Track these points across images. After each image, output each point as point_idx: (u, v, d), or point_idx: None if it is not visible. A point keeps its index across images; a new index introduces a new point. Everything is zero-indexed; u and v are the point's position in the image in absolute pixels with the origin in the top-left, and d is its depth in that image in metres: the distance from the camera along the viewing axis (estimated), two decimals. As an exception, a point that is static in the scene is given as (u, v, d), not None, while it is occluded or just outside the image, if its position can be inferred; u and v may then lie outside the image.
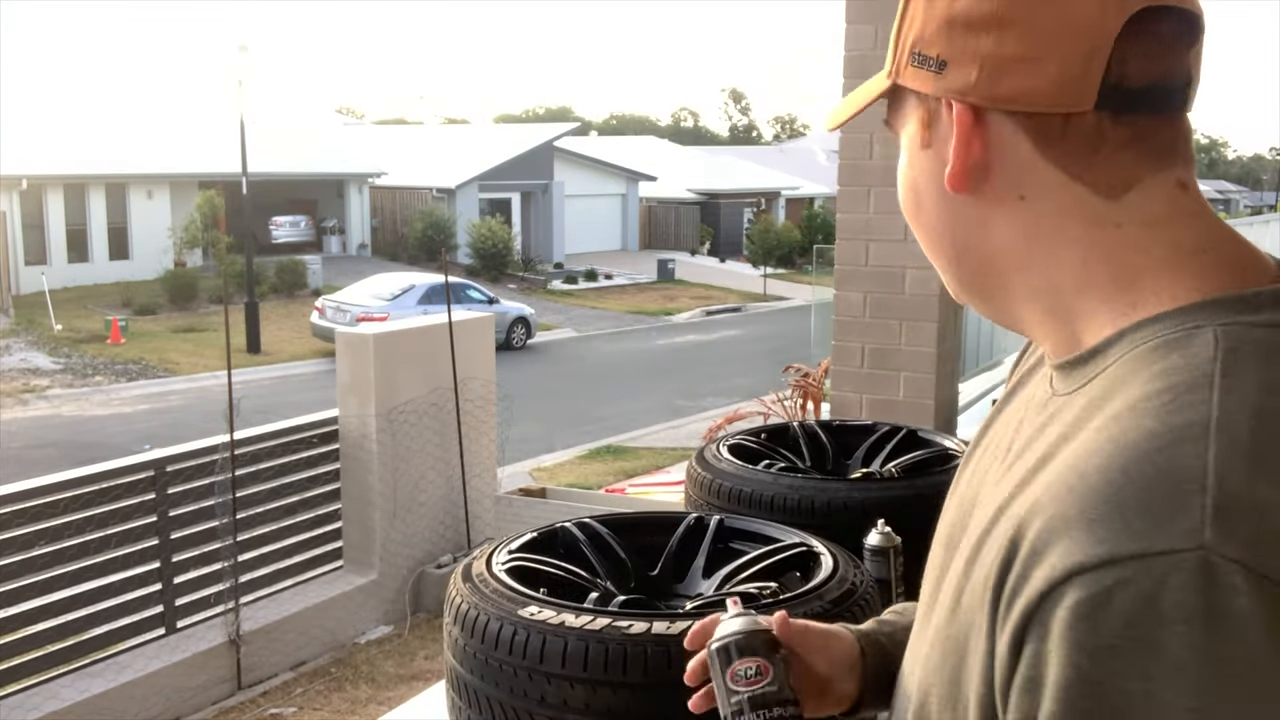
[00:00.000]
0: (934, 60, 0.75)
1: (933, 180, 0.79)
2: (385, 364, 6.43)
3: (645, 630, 1.59)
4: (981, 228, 0.78)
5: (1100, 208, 0.73)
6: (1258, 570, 0.57)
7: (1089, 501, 0.62)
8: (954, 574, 0.76)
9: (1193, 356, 0.66)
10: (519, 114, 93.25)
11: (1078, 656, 0.59)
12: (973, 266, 0.81)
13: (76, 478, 5.25)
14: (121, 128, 26.53)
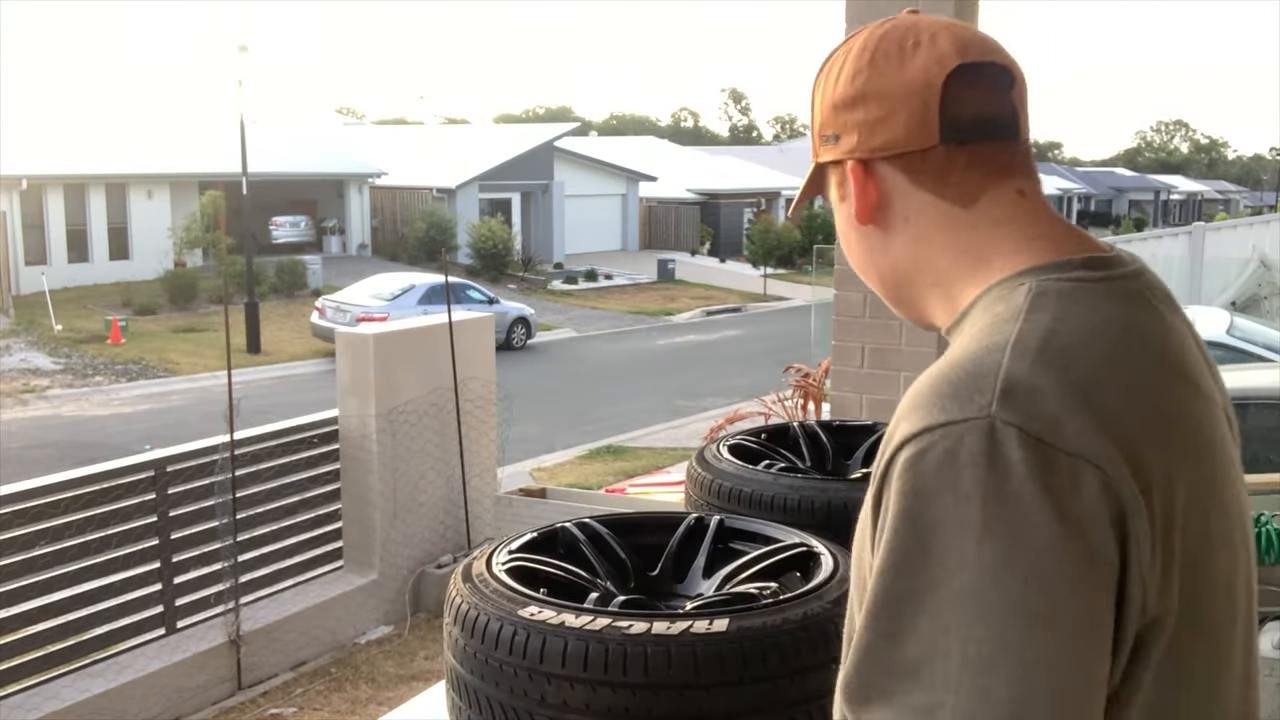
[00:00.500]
0: (832, 136, 1.04)
1: (851, 223, 1.06)
2: (385, 364, 6.43)
3: (645, 630, 1.59)
4: (888, 250, 1.05)
5: (960, 215, 0.99)
6: (1028, 431, 0.81)
7: (920, 396, 0.87)
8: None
9: (1012, 300, 0.92)
10: (519, 114, 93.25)
11: (903, 496, 0.83)
12: (893, 282, 1.07)
13: (76, 478, 5.25)
14: (121, 128, 26.54)
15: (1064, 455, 0.80)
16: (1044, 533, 0.78)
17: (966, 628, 0.77)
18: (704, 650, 1.58)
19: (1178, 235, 13.04)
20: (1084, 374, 0.84)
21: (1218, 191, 77.29)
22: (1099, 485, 0.79)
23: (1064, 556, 0.78)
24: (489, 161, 32.85)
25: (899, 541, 0.81)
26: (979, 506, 0.79)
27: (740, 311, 27.81)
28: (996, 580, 0.77)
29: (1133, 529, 0.80)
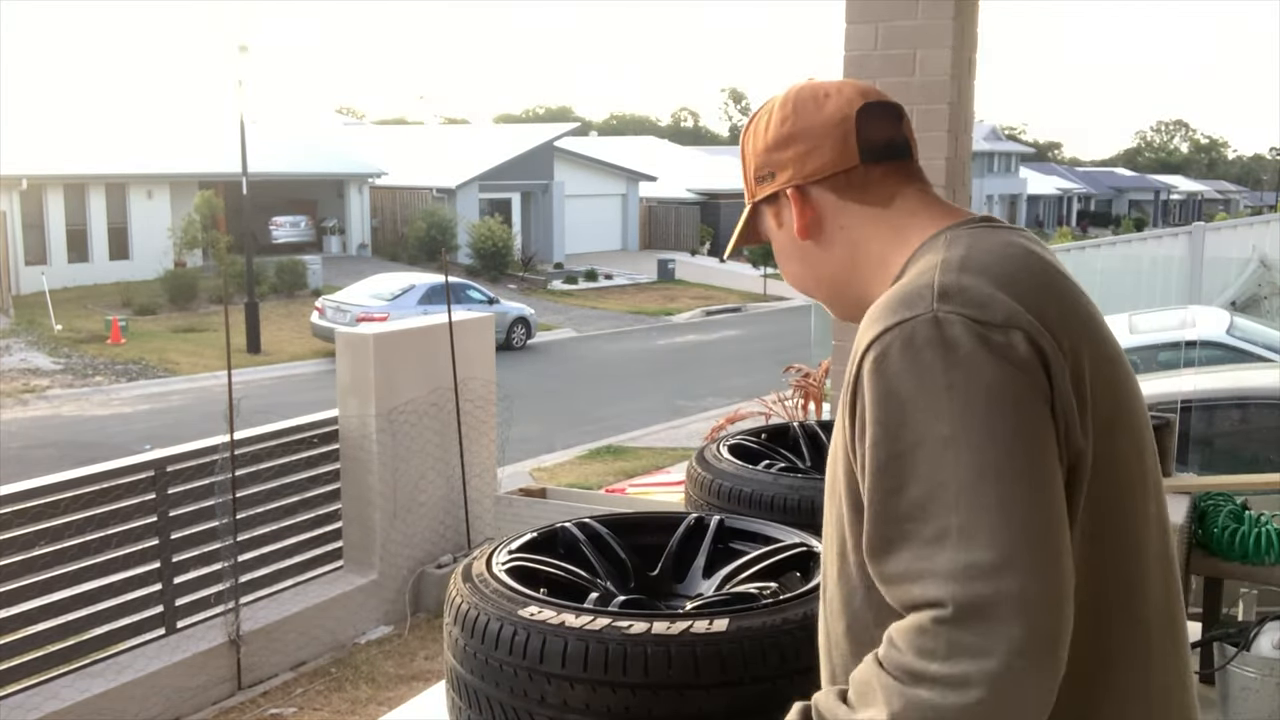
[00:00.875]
0: (767, 175, 1.30)
1: (792, 243, 1.31)
2: (385, 364, 6.43)
3: (645, 630, 1.59)
4: (828, 259, 1.30)
5: (882, 212, 1.26)
6: (964, 314, 1.04)
7: (873, 313, 1.11)
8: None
9: (934, 246, 1.18)
10: (519, 114, 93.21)
11: (877, 382, 1.05)
12: (832, 283, 1.32)
13: (76, 478, 5.24)
14: (121, 128, 26.53)
15: (995, 325, 1.04)
16: (993, 375, 1.01)
17: (954, 461, 0.99)
18: (704, 650, 1.58)
19: (1178, 235, 13.02)
20: (1000, 274, 1.10)
21: (1218, 191, 77.28)
22: (1026, 340, 1.03)
23: (1012, 388, 1.01)
24: (489, 161, 32.84)
25: (883, 415, 1.04)
26: (940, 371, 1.02)
27: (740, 311, 27.81)
28: (967, 419, 1.00)
29: (1054, 372, 1.04)
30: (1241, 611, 2.99)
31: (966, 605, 0.95)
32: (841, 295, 1.32)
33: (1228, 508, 2.63)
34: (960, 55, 3.68)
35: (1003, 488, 0.98)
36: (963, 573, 0.96)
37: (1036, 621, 0.94)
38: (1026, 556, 0.96)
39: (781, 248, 1.33)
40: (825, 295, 1.34)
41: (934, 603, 0.96)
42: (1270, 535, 2.53)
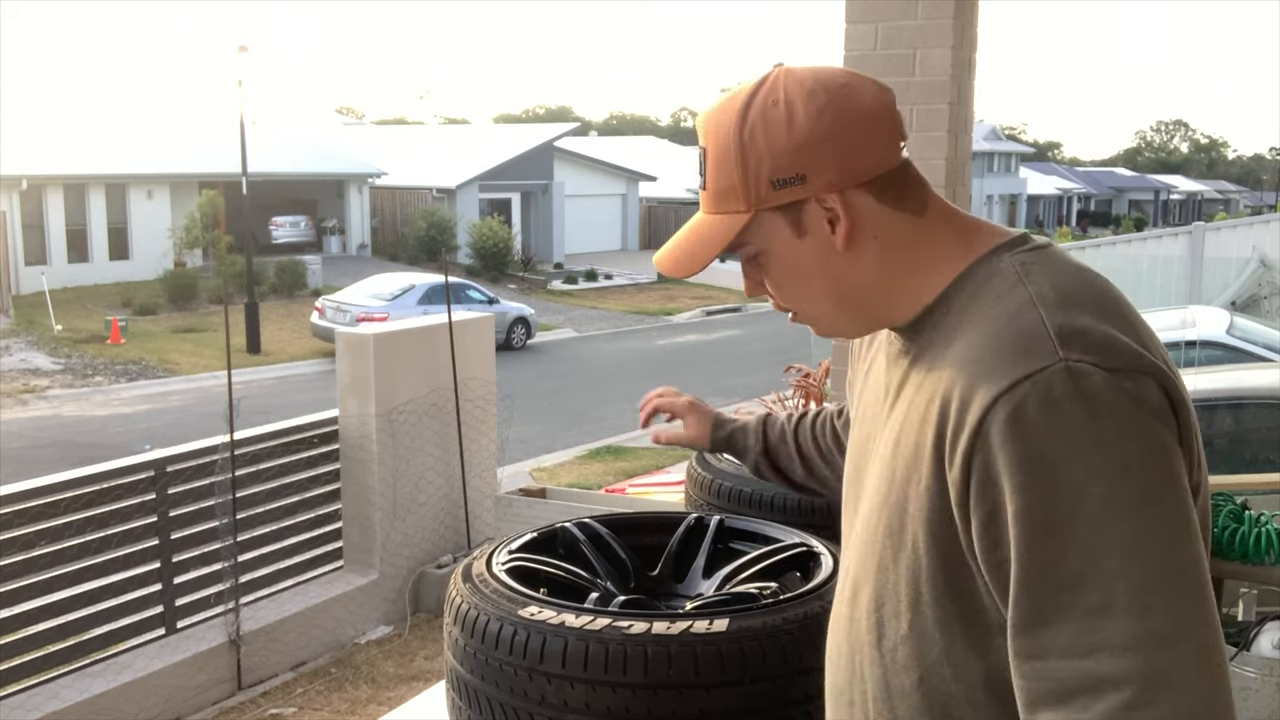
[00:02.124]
0: (795, 177, 1.09)
1: (816, 256, 1.12)
2: (385, 364, 6.43)
3: (645, 630, 1.59)
4: (856, 270, 1.13)
5: (917, 221, 1.13)
6: (1095, 362, 0.96)
7: (985, 362, 1.00)
8: (875, 474, 1.13)
9: (1001, 274, 1.08)
10: (519, 114, 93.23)
11: (1016, 448, 0.95)
12: (856, 297, 1.15)
13: (76, 478, 5.25)
14: (121, 128, 26.54)
15: (1125, 372, 0.96)
16: (1137, 427, 0.95)
17: (1113, 525, 0.92)
18: (704, 650, 1.58)
19: (1177, 235, 13.03)
20: (1103, 310, 1.02)
21: (1218, 191, 77.29)
22: (1157, 387, 0.97)
23: (1155, 439, 0.95)
24: (489, 161, 32.85)
25: (1029, 481, 0.94)
26: (1086, 427, 0.94)
27: (740, 311, 27.80)
28: (1120, 478, 0.93)
29: (1180, 415, 0.99)
30: (1241, 611, 2.99)
31: (1152, 677, 0.89)
32: (861, 310, 1.16)
33: (1227, 508, 2.63)
34: (960, 55, 3.68)
35: (1166, 547, 0.92)
36: (1141, 642, 0.90)
37: (1217, 683, 0.91)
38: (1198, 614, 0.92)
39: (796, 262, 1.13)
40: (842, 309, 1.17)
41: (1113, 678, 0.90)
42: (1270, 535, 2.53)
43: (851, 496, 1.22)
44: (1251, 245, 12.56)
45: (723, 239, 1.13)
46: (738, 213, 1.12)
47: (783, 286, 1.16)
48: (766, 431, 1.87)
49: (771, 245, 1.13)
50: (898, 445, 1.08)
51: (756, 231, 1.12)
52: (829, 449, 1.79)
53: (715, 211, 1.13)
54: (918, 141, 3.73)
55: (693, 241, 1.15)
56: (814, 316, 1.19)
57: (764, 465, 1.87)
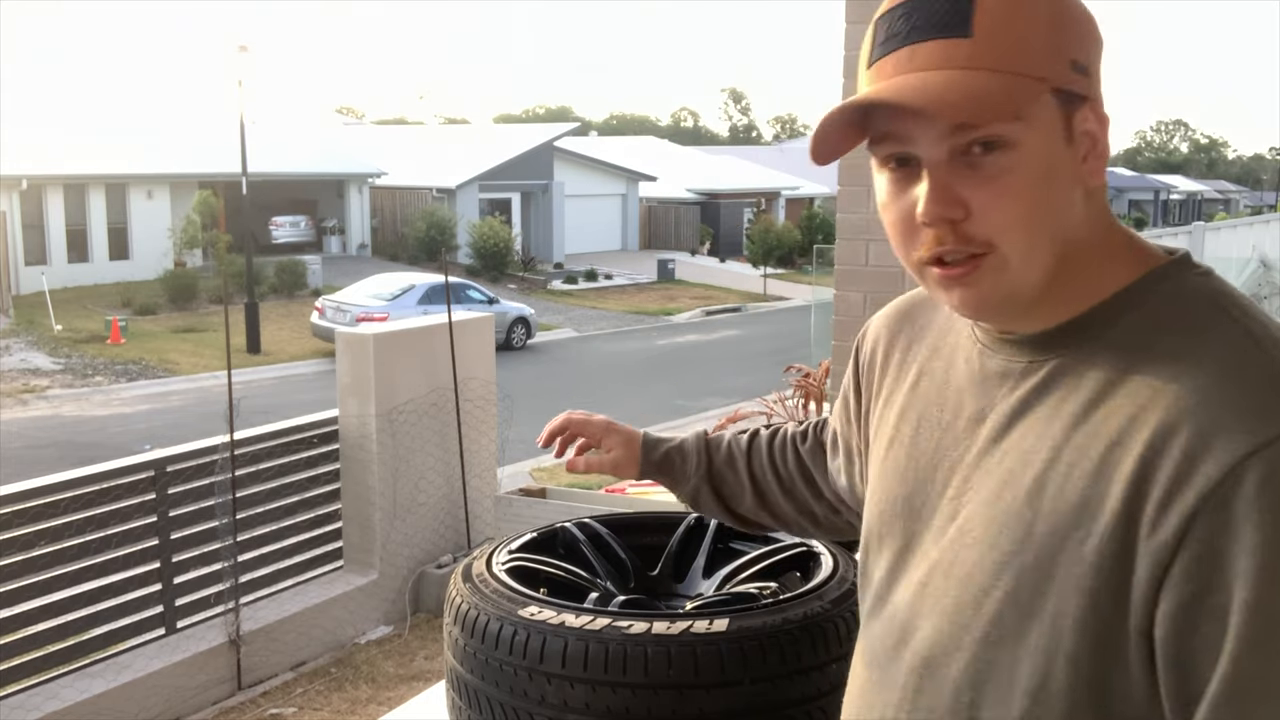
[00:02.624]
0: (1084, 68, 0.88)
1: (1068, 175, 0.88)
2: (385, 364, 6.43)
3: (645, 630, 1.59)
4: (1079, 220, 0.90)
5: (1105, 202, 0.93)
6: None
7: (1227, 404, 0.79)
8: (976, 520, 0.91)
9: (1198, 301, 0.88)
10: (519, 114, 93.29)
11: (1268, 515, 0.74)
12: (1061, 255, 0.89)
13: (76, 478, 5.25)
14: (121, 128, 26.54)
15: None
16: None
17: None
18: (704, 650, 1.57)
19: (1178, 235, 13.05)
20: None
21: (1218, 191, 77.31)
22: None
23: None
24: (489, 161, 32.85)
25: (1277, 567, 0.74)
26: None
27: (740, 311, 27.81)
28: None
29: None
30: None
31: None
32: (1051, 267, 0.89)
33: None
34: (960, 55, 3.68)
35: None
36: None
37: None
38: None
39: (1049, 172, 0.87)
40: (1046, 256, 0.89)
41: None
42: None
43: (899, 533, 1.01)
44: (1251, 245, 12.58)
45: (1015, 100, 0.85)
46: (1029, 77, 0.85)
47: (1031, 198, 0.87)
48: (710, 454, 1.48)
49: (1035, 137, 0.86)
50: (1038, 492, 0.86)
51: (1034, 111, 0.86)
52: (789, 478, 1.43)
53: (989, 67, 0.85)
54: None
55: (956, 91, 0.84)
56: (1010, 262, 0.88)
57: (705, 494, 1.48)
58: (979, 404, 0.96)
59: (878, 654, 1.00)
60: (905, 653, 0.96)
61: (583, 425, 1.53)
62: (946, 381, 1.02)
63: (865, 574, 1.07)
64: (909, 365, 1.08)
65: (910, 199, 0.89)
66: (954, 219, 0.87)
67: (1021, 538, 0.86)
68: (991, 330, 0.97)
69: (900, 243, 0.92)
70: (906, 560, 0.99)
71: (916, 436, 1.02)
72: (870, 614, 1.04)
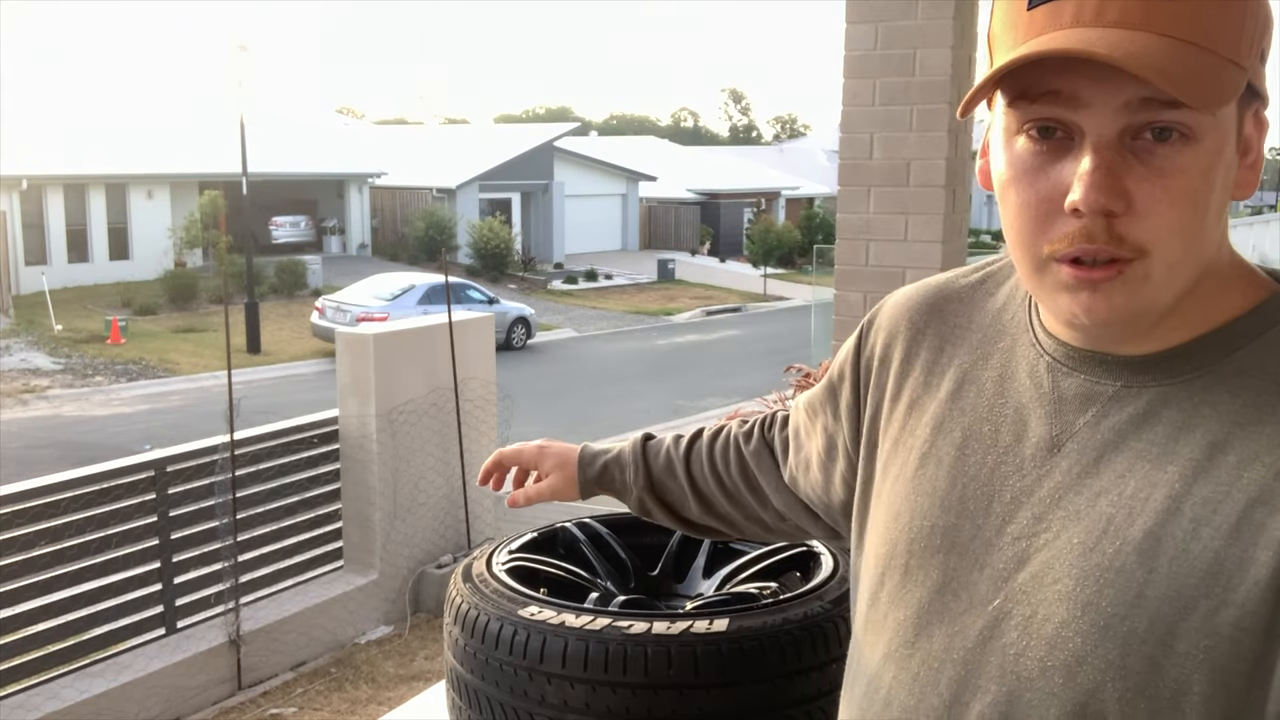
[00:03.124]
0: (1260, 57, 0.76)
1: (1229, 181, 0.77)
2: (385, 364, 6.43)
3: (645, 630, 1.59)
4: (1222, 226, 0.79)
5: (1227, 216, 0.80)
6: None
7: None
8: (1059, 567, 0.78)
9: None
10: (519, 114, 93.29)
11: None
12: (1202, 265, 0.78)
13: (76, 478, 5.24)
14: (121, 128, 26.54)
15: None
16: None
17: None
18: (704, 650, 1.57)
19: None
20: None
21: (1218, 191, 77.20)
22: None
23: None
24: (489, 161, 32.85)
25: None
26: None
27: (740, 311, 27.81)
28: None
29: None
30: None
31: None
32: (1195, 282, 0.79)
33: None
34: (960, 55, 3.68)
35: None
36: None
37: None
38: None
39: (1214, 175, 0.75)
40: (1192, 271, 0.78)
41: None
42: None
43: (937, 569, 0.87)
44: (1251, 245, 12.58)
45: (1218, 87, 0.73)
46: (1235, 64, 0.74)
47: (1194, 205, 0.75)
48: (648, 461, 1.34)
49: (1216, 136, 0.75)
50: (1154, 548, 0.75)
51: (1225, 98, 0.74)
52: (733, 484, 1.28)
53: (1197, 42, 0.72)
54: (918, 141, 3.73)
55: (1170, 59, 0.71)
56: (1152, 276, 0.76)
57: (650, 503, 1.34)
58: (1051, 429, 0.83)
59: (912, 710, 0.86)
60: (967, 716, 0.82)
61: (515, 456, 1.46)
62: (1001, 395, 0.88)
63: (874, 603, 0.93)
64: (943, 369, 0.94)
65: (1057, 179, 0.75)
66: (1114, 212, 0.74)
67: (1131, 600, 0.74)
68: (1068, 342, 0.84)
69: (1029, 229, 0.78)
70: (948, 603, 0.85)
71: (963, 457, 0.88)
72: (889, 659, 0.89)
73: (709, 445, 1.31)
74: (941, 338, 0.95)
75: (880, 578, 0.93)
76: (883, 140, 3.76)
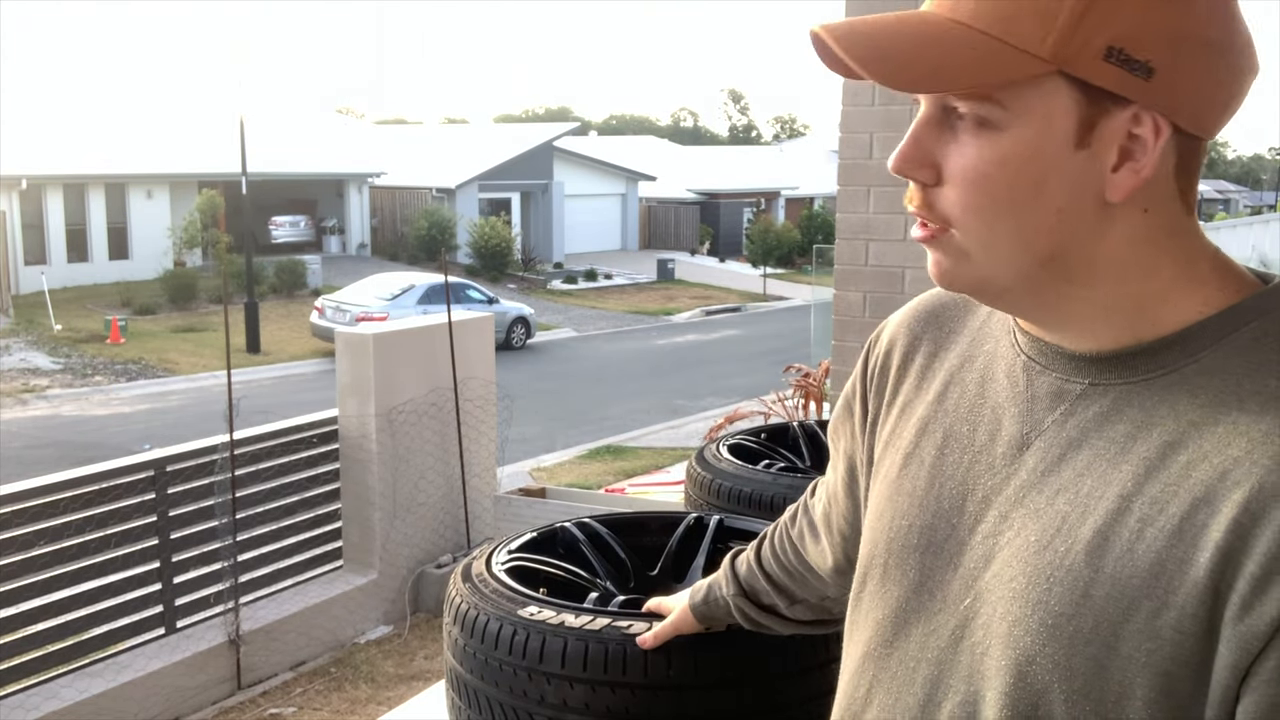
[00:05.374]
0: (1141, 65, 0.72)
1: (1074, 182, 0.76)
2: (385, 364, 6.43)
3: (645, 630, 1.59)
4: (1097, 236, 0.77)
5: (1185, 222, 0.79)
6: None
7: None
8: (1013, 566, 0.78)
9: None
10: (519, 114, 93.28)
11: None
12: (1060, 270, 0.79)
13: (76, 478, 5.24)
14: (121, 128, 26.54)
15: None
16: None
17: None
18: (704, 650, 1.57)
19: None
20: None
21: (1217, 191, 77.26)
22: None
23: None
24: (489, 161, 32.86)
25: None
26: None
27: (740, 311, 27.81)
28: None
29: None
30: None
31: None
32: (1043, 280, 0.80)
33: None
34: (960, 55, 3.68)
35: None
36: None
37: None
38: None
39: (1039, 173, 0.76)
40: (1024, 264, 0.79)
41: None
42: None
43: (914, 568, 0.88)
44: (1251, 245, 12.59)
45: (982, 71, 0.73)
46: (1029, 54, 0.73)
47: (992, 190, 0.77)
48: (735, 572, 1.38)
49: (1025, 128, 0.75)
50: (1100, 547, 0.74)
51: (1025, 94, 0.74)
52: (797, 569, 1.29)
53: (990, 32, 0.73)
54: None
55: (934, 51, 0.74)
56: (969, 251, 0.79)
57: (749, 610, 1.36)
58: (1022, 427, 0.83)
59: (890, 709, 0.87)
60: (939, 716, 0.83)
61: (658, 608, 1.60)
62: (981, 396, 0.88)
63: (857, 603, 0.95)
64: (934, 373, 0.94)
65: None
66: (923, 182, 0.79)
67: (1078, 600, 0.74)
68: (1041, 341, 0.84)
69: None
70: (924, 602, 0.86)
71: (942, 457, 0.89)
72: (869, 658, 0.91)
73: (770, 538, 1.34)
74: (936, 343, 0.96)
75: (864, 577, 0.94)
76: (882, 140, 3.76)
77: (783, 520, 1.33)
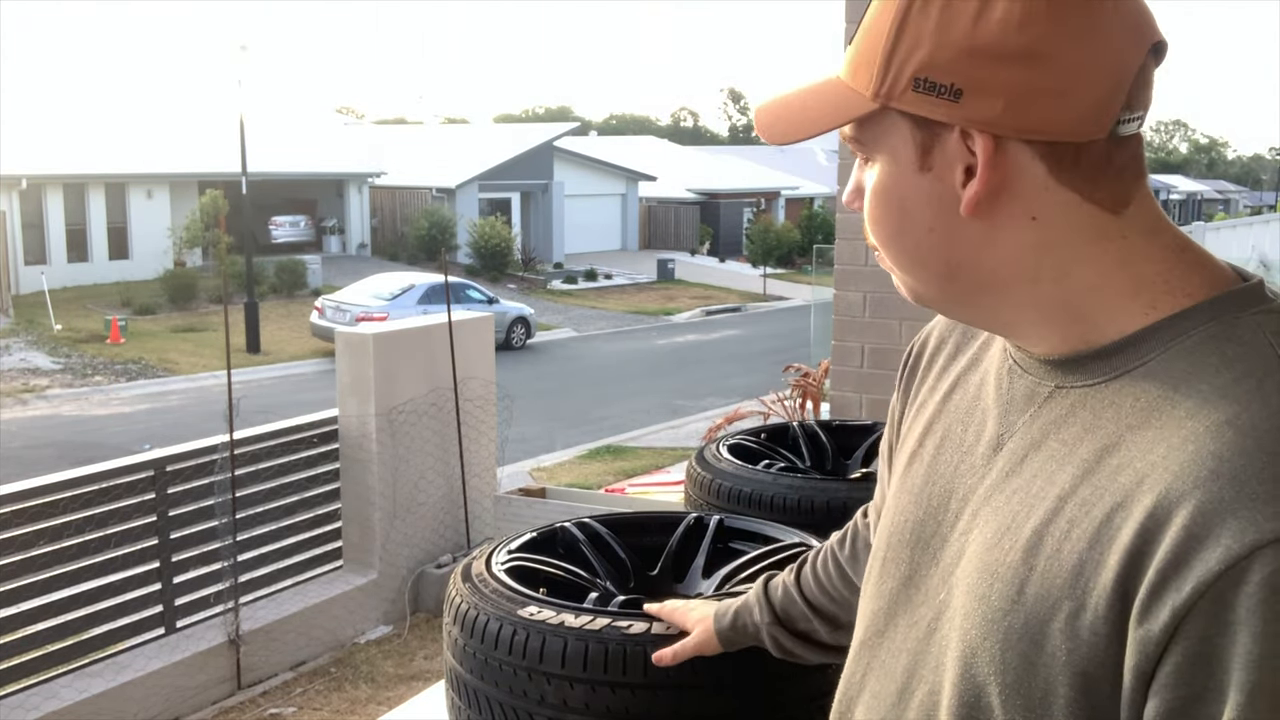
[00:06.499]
0: (948, 89, 0.76)
1: (931, 203, 0.81)
2: (385, 364, 6.43)
3: (645, 630, 1.59)
4: (985, 246, 0.81)
5: (1109, 223, 0.79)
6: None
7: (1244, 482, 0.66)
8: (973, 564, 0.81)
9: (1250, 344, 0.74)
10: (519, 114, 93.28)
11: (1274, 627, 0.62)
12: (968, 281, 0.83)
13: (76, 478, 5.24)
14: (121, 128, 26.54)
15: None
16: None
17: None
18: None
19: (1177, 235, 13.08)
20: None
21: (1217, 191, 77.31)
22: None
23: None
24: (489, 161, 32.86)
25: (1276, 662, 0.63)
26: None
27: (740, 311, 27.82)
28: None
29: None
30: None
31: None
32: (963, 293, 0.85)
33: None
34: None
35: None
36: None
37: None
38: None
39: (901, 197, 0.82)
40: (932, 280, 0.86)
41: None
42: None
43: (904, 563, 0.91)
44: (1251, 245, 12.59)
45: (830, 118, 0.82)
46: (862, 95, 0.80)
47: (876, 220, 0.85)
48: (769, 597, 1.37)
49: (884, 161, 0.82)
50: (1035, 546, 0.76)
51: (874, 131, 0.81)
52: (841, 594, 1.28)
53: (846, 81, 0.82)
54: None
55: (808, 104, 0.84)
56: (894, 271, 0.89)
57: (782, 637, 1.35)
58: (999, 428, 0.85)
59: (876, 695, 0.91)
60: (908, 710, 0.86)
61: (668, 615, 1.56)
62: (977, 398, 0.91)
63: (862, 595, 0.99)
64: (948, 374, 0.97)
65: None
66: (857, 211, 0.89)
67: (1014, 596, 0.76)
68: (1018, 346, 0.86)
69: None
70: (910, 596, 0.89)
71: (938, 456, 0.92)
72: (865, 646, 0.95)
73: (813, 562, 1.34)
74: (957, 346, 0.99)
75: (868, 571, 0.99)
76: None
77: (829, 545, 1.32)
